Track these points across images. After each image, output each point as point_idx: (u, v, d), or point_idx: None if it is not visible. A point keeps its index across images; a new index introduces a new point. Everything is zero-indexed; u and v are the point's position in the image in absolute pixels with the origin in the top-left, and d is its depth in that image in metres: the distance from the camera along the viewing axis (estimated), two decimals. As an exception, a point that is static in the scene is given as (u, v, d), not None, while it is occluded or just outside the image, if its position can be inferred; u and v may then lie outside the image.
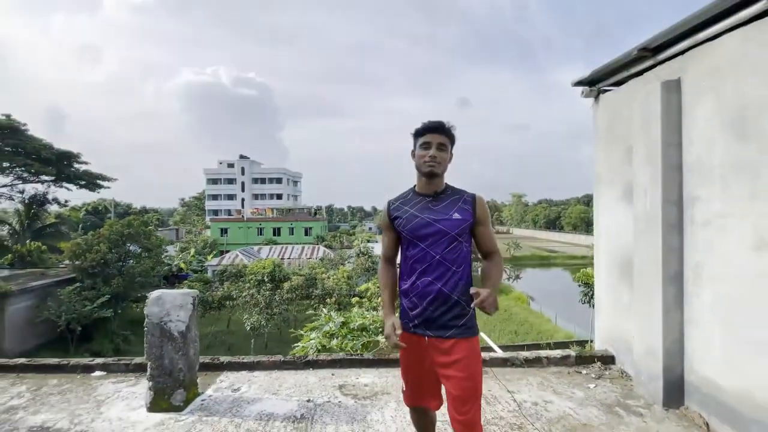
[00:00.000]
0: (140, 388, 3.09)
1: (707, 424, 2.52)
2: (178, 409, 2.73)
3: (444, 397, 1.81)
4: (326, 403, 2.81)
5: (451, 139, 1.82)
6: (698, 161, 2.65)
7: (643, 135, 3.00)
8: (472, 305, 1.64)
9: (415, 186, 1.89)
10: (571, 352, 3.55)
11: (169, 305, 2.78)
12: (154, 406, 2.73)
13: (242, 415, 2.67)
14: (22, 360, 3.61)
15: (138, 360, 3.48)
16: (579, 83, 3.95)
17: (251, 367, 3.41)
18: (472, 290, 1.63)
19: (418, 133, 1.82)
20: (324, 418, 2.62)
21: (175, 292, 2.83)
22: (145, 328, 2.81)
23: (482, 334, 12.97)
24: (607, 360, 3.49)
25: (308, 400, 2.86)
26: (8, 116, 24.54)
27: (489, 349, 9.12)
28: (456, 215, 1.75)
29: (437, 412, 1.97)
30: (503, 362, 3.43)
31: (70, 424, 2.60)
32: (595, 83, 3.86)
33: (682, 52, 2.80)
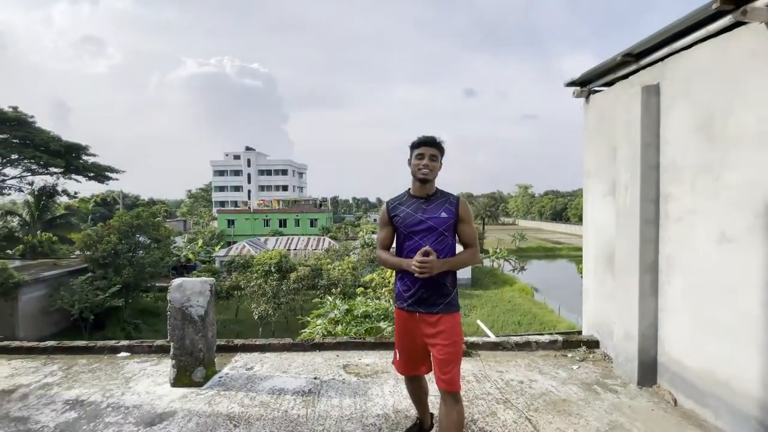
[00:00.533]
0: (163, 367, 3.40)
1: (675, 399, 2.78)
2: (198, 384, 3.04)
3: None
4: (331, 380, 3.11)
5: (441, 151, 2.16)
6: (672, 161, 2.88)
7: (625, 136, 3.22)
8: (415, 262, 1.96)
9: (410, 189, 2.23)
10: (559, 336, 3.82)
11: (190, 292, 3.07)
12: (177, 382, 3.05)
13: (256, 389, 2.98)
14: (51, 342, 3.93)
15: (159, 342, 3.80)
16: (571, 84, 4.15)
17: (263, 348, 3.72)
18: (425, 249, 1.98)
19: (414, 146, 2.15)
20: (329, 392, 2.92)
21: (195, 280, 3.12)
22: (168, 312, 3.11)
23: (479, 322, 13.30)
24: (592, 344, 3.75)
25: (315, 378, 3.16)
26: (15, 108, 24.89)
27: (485, 335, 9.41)
28: (443, 214, 2.11)
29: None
30: (495, 346, 3.71)
31: (103, 397, 2.92)
32: (585, 84, 4.07)
33: (662, 59, 3.01)
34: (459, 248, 2.21)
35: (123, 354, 3.74)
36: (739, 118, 2.41)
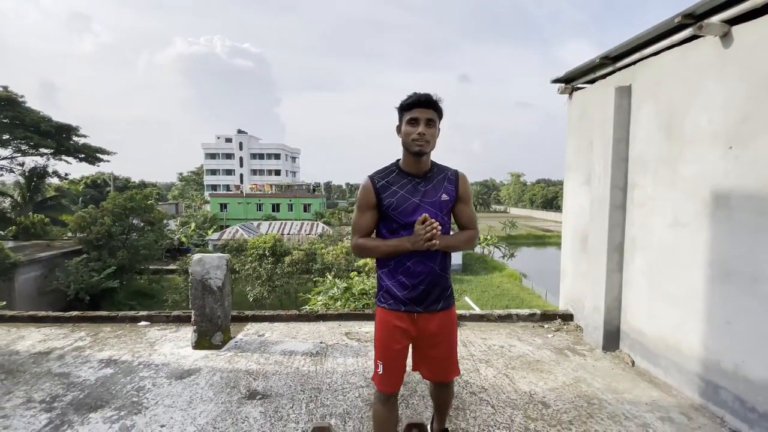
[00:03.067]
0: (182, 334, 3.77)
1: (633, 361, 3.23)
2: (217, 347, 3.42)
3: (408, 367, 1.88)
4: (336, 344, 3.52)
5: (440, 113, 1.74)
6: (639, 155, 3.27)
7: (600, 131, 3.60)
8: (421, 231, 1.66)
9: (398, 162, 1.82)
10: (537, 310, 4.26)
11: (209, 266, 3.43)
12: (198, 345, 3.42)
13: (269, 351, 3.37)
14: (76, 312, 4.28)
15: (176, 312, 4.16)
16: (556, 81, 4.50)
17: (272, 319, 4.11)
18: (424, 215, 1.66)
19: (404, 108, 1.73)
20: (334, 354, 3.32)
21: (214, 255, 3.47)
22: (190, 284, 3.47)
23: (467, 299, 13.71)
24: (567, 317, 4.19)
25: (321, 342, 3.56)
26: (5, 88, 24.55)
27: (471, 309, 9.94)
28: (444, 196, 1.78)
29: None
30: (480, 318, 4.14)
31: (133, 357, 3.29)
32: (570, 81, 4.42)
33: (635, 63, 3.37)
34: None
35: (143, 323, 4.10)
36: (694, 118, 2.79)
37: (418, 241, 1.66)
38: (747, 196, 2.38)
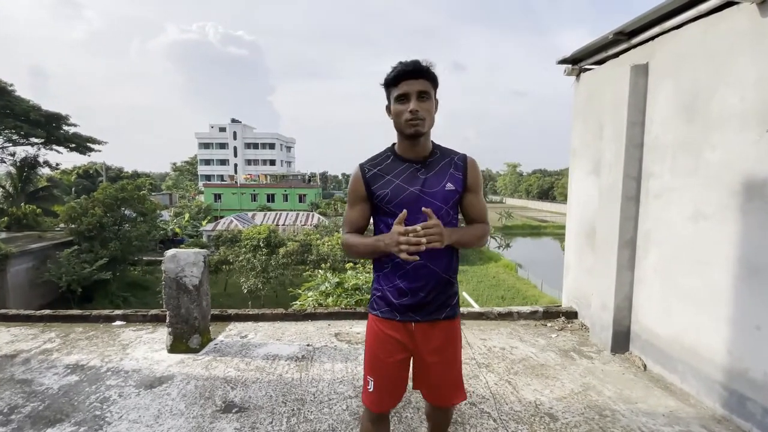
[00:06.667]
0: (158, 335, 3.50)
1: (645, 365, 2.99)
2: (195, 350, 3.15)
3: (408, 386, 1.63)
4: (324, 347, 3.25)
5: (434, 81, 1.43)
6: (656, 140, 2.98)
7: (612, 114, 3.30)
8: (417, 228, 1.31)
9: (394, 146, 1.53)
10: (540, 308, 4.01)
11: (184, 262, 3.14)
12: (174, 348, 3.15)
13: (251, 355, 3.10)
14: (48, 311, 3.99)
15: (154, 311, 3.88)
16: (563, 61, 4.18)
17: (256, 318, 3.83)
18: (425, 209, 1.36)
19: (391, 83, 1.42)
20: (322, 358, 3.05)
21: (189, 251, 3.18)
22: (163, 282, 3.18)
23: (465, 294, 13.52)
24: (571, 315, 3.94)
25: (308, 345, 3.29)
26: (-7, 77, 23.89)
27: (469, 306, 9.73)
28: (449, 185, 1.47)
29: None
30: (479, 316, 3.88)
31: (102, 362, 3.01)
32: (577, 62, 4.10)
33: (653, 38, 3.06)
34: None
35: (118, 323, 3.82)
36: (722, 98, 2.49)
37: (390, 245, 1.32)
38: (785, 185, 2.10)
